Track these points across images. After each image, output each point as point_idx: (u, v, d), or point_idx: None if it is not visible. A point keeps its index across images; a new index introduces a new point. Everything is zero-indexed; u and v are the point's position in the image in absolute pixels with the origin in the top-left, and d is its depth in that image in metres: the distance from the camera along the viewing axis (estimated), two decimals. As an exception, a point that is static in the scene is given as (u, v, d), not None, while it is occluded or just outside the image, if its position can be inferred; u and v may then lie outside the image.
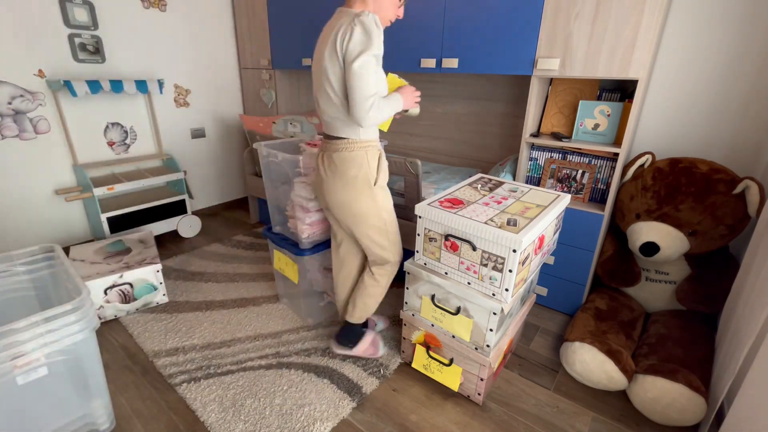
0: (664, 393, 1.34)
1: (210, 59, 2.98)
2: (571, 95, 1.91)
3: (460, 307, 1.41)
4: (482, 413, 1.46)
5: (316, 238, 1.77)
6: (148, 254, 2.09)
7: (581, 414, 1.46)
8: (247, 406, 1.45)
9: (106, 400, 1.34)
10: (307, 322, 1.92)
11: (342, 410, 1.44)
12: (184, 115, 2.93)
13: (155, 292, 2.02)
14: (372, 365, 1.65)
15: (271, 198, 1.89)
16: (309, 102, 3.26)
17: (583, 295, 1.94)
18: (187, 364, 1.65)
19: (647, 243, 1.69)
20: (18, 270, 1.48)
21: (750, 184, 1.53)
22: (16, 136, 2.22)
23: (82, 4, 2.29)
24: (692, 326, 1.65)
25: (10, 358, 1.06)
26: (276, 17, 2.74)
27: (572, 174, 1.89)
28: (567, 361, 1.58)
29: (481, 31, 1.87)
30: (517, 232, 1.21)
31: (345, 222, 1.47)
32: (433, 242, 1.42)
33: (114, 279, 1.87)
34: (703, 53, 1.75)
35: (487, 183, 1.66)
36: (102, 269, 1.92)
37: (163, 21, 2.66)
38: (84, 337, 1.18)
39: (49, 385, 1.19)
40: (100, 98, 2.49)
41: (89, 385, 1.28)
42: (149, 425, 1.39)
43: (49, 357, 1.14)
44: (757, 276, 1.26)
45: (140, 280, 1.96)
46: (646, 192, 1.73)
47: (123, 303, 1.93)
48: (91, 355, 1.25)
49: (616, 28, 1.54)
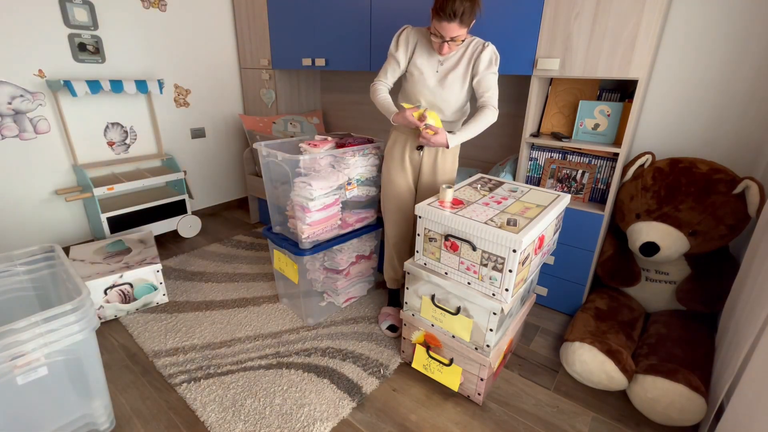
0: (664, 393, 1.34)
1: (210, 59, 2.98)
2: (571, 95, 1.91)
3: (460, 307, 1.41)
4: (482, 413, 1.46)
5: (316, 238, 1.77)
6: (148, 254, 2.09)
7: (581, 414, 1.46)
8: (247, 406, 1.45)
9: (106, 400, 1.34)
10: (307, 322, 1.92)
11: (342, 410, 1.44)
12: (184, 115, 2.93)
13: (155, 292, 2.02)
14: (372, 365, 1.65)
15: (271, 198, 1.89)
16: (309, 102, 3.26)
17: (583, 295, 1.94)
18: (187, 364, 1.65)
19: (647, 243, 1.69)
20: (18, 270, 1.47)
21: (750, 184, 1.53)
22: (16, 136, 2.22)
23: (82, 4, 2.29)
24: (692, 326, 1.65)
25: (10, 358, 1.06)
26: (276, 17, 2.74)
27: (572, 174, 1.89)
28: (567, 361, 1.58)
29: (481, 31, 1.87)
30: (517, 232, 1.21)
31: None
32: (433, 242, 1.42)
33: (114, 279, 1.87)
34: (703, 53, 1.75)
35: (487, 183, 1.66)
36: (102, 269, 1.92)
37: (163, 21, 2.66)
38: (84, 337, 1.18)
39: (49, 385, 1.18)
40: (100, 98, 2.49)
41: (89, 385, 1.28)
42: (149, 425, 1.39)
43: (49, 357, 1.14)
44: (757, 276, 1.26)
45: (140, 280, 1.96)
46: (646, 192, 1.73)
47: (123, 303, 1.93)
48: (91, 355, 1.25)
49: (616, 28, 1.54)
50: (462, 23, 1.39)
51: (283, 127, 2.97)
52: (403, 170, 1.70)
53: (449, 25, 1.39)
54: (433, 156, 1.67)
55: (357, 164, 1.82)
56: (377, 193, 1.97)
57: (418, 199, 1.76)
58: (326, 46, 2.52)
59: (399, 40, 1.61)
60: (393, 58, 1.62)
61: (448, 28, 1.40)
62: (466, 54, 1.55)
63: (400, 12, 2.11)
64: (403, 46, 1.60)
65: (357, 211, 1.93)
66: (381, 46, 2.23)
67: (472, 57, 1.55)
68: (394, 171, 1.72)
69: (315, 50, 2.59)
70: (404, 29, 1.61)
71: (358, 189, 1.86)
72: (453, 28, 1.39)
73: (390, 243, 1.84)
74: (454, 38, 1.44)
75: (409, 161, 1.69)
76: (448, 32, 1.41)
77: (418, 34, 1.59)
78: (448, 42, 1.45)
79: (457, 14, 1.36)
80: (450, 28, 1.39)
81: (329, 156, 1.76)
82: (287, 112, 3.08)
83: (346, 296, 2.03)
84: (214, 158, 3.21)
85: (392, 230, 1.81)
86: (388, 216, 1.80)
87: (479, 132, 1.57)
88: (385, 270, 1.93)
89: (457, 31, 1.41)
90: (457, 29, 1.40)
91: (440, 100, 1.59)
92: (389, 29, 2.17)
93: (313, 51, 2.60)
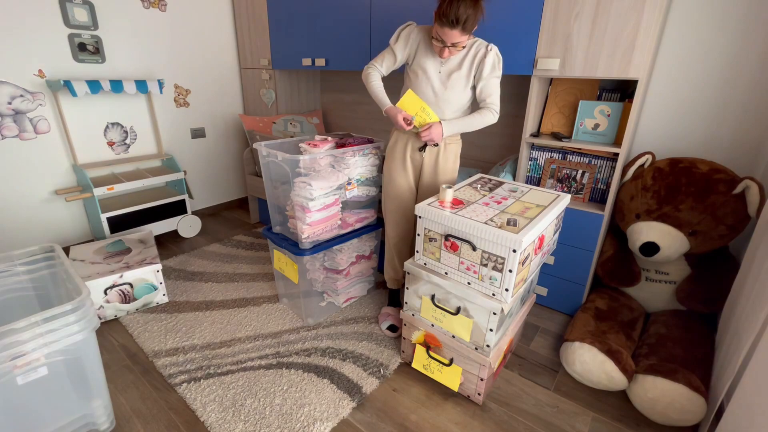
0: (664, 393, 1.34)
1: (210, 59, 2.98)
2: (571, 95, 1.91)
3: (460, 307, 1.41)
4: (482, 413, 1.46)
5: (316, 238, 1.77)
6: (148, 254, 2.09)
7: (581, 414, 1.46)
8: (247, 406, 1.45)
9: (106, 400, 1.34)
10: (307, 322, 1.92)
11: (342, 410, 1.44)
12: (184, 115, 2.93)
13: (155, 292, 2.02)
14: (372, 365, 1.65)
15: (271, 198, 1.89)
16: (309, 102, 3.26)
17: (583, 295, 1.94)
18: (187, 364, 1.65)
19: (647, 243, 1.68)
20: (18, 270, 1.47)
21: (750, 184, 1.53)
22: (16, 136, 2.22)
23: (82, 4, 2.29)
24: (692, 326, 1.65)
25: (10, 358, 1.06)
26: (276, 17, 2.74)
27: (572, 174, 1.89)
28: (567, 361, 1.58)
29: (480, 30, 1.86)
30: (517, 232, 1.21)
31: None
32: (433, 242, 1.42)
33: (114, 279, 1.87)
34: (703, 53, 1.75)
35: (487, 183, 1.66)
36: (102, 269, 1.91)
37: (163, 21, 2.66)
38: (84, 337, 1.18)
39: (49, 386, 1.19)
40: (100, 98, 2.49)
41: (89, 385, 1.28)
42: (149, 425, 1.39)
43: (49, 357, 1.14)
44: (757, 276, 1.26)
45: (140, 279, 1.96)
46: (646, 192, 1.73)
47: (123, 303, 1.93)
48: (91, 355, 1.25)
49: (616, 28, 1.54)
50: (464, 30, 1.38)
51: (283, 127, 2.97)
52: (404, 170, 1.70)
53: (451, 31, 1.38)
54: (434, 156, 1.67)
55: (357, 164, 1.82)
56: (377, 193, 1.97)
57: (419, 199, 1.76)
58: (326, 46, 2.52)
59: (401, 34, 1.60)
60: (390, 50, 1.61)
61: (450, 34, 1.39)
62: (469, 55, 1.55)
63: (400, 12, 2.11)
64: (402, 41, 1.59)
65: (357, 211, 1.94)
66: (381, 46, 2.23)
67: (474, 59, 1.54)
68: (395, 170, 1.72)
69: (315, 50, 2.59)
70: (408, 25, 1.60)
71: (358, 189, 1.86)
72: (455, 34, 1.39)
73: (390, 243, 1.84)
74: (455, 44, 1.43)
75: (411, 161, 1.69)
76: (450, 38, 1.40)
77: (421, 33, 1.58)
78: (449, 47, 1.44)
79: (460, 21, 1.34)
80: (452, 34, 1.39)
81: (329, 156, 1.76)
82: (287, 112, 3.08)
83: (346, 296, 2.03)
84: (214, 158, 3.21)
85: (393, 230, 1.81)
86: (388, 216, 1.80)
87: (474, 127, 1.57)
88: (385, 270, 1.93)
89: (458, 38, 1.40)
90: (459, 36, 1.39)
91: (442, 101, 1.59)
92: (389, 29, 2.17)
93: (313, 51, 2.60)
